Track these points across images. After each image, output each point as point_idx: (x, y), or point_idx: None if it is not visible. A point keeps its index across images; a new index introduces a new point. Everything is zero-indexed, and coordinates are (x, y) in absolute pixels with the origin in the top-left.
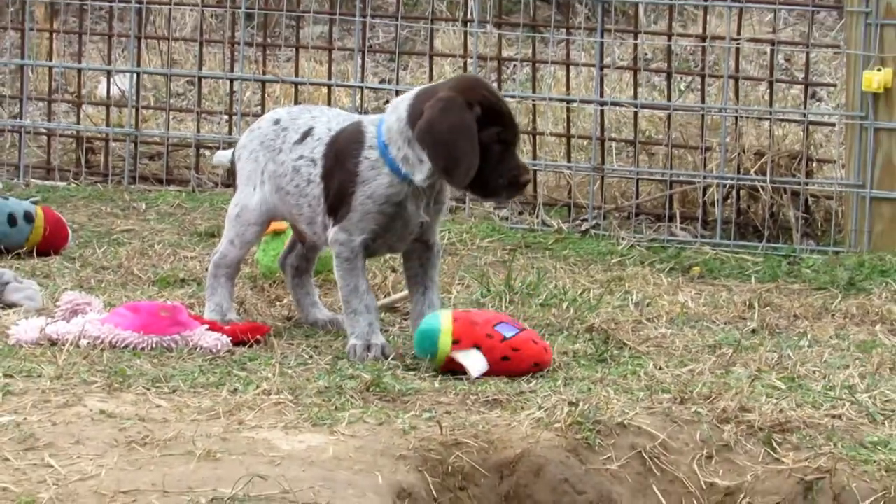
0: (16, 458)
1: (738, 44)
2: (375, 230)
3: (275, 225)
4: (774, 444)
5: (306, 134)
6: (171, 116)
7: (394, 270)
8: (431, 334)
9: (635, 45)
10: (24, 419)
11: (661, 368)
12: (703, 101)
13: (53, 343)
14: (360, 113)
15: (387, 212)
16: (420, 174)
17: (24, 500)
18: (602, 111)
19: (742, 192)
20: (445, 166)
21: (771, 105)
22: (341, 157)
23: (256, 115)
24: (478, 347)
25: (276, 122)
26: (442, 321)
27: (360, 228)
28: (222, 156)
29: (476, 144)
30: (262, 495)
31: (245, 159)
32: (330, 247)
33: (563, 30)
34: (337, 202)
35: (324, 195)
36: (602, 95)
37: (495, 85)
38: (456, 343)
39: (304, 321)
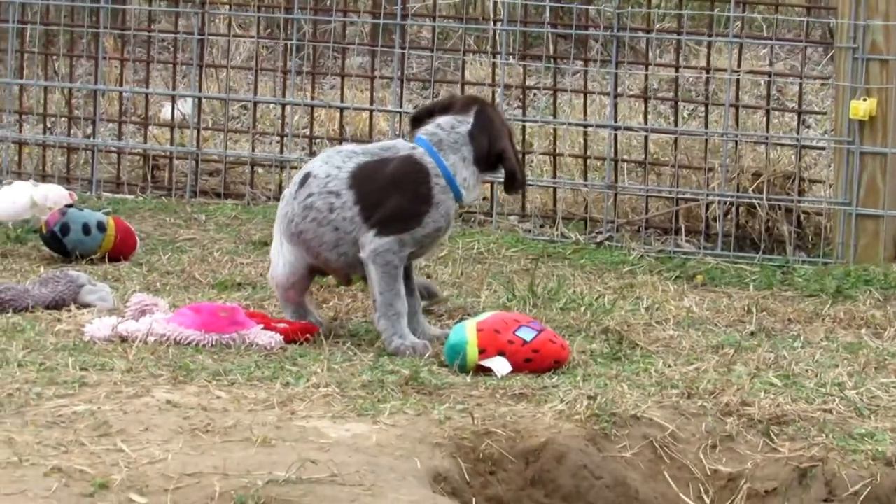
0: (91, 443)
1: (738, 75)
2: (424, 243)
3: None
4: (772, 435)
5: (305, 178)
6: (228, 137)
7: (428, 276)
8: (459, 347)
9: (645, 76)
10: (99, 408)
11: (669, 366)
12: (706, 126)
13: (124, 340)
14: (399, 135)
15: (443, 229)
16: (472, 195)
17: (98, 481)
18: (615, 135)
19: (741, 209)
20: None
21: (767, 130)
22: (405, 182)
23: (305, 137)
24: (502, 353)
25: (283, 197)
26: (468, 334)
27: (415, 241)
28: None
29: None
30: (313, 478)
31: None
32: (374, 257)
33: (580, 62)
34: (393, 221)
35: (363, 216)
36: (616, 121)
37: (519, 112)
38: (482, 352)
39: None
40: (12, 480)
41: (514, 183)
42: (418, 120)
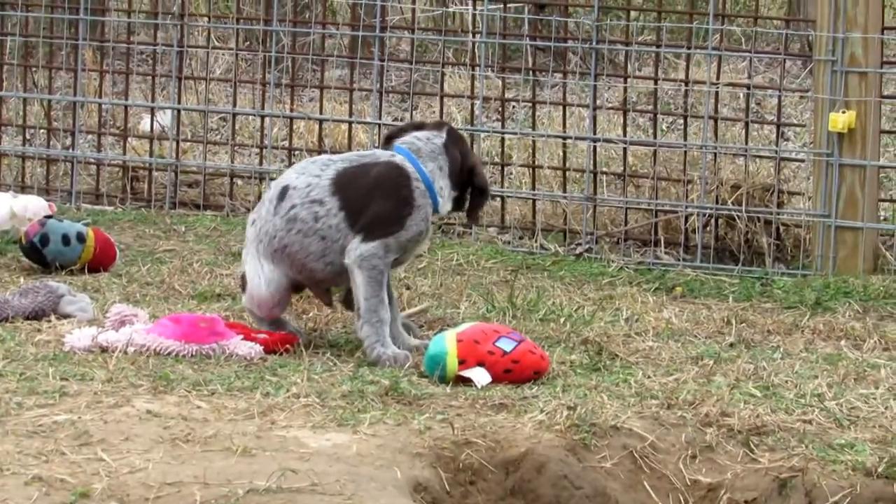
0: (72, 452)
1: (717, 88)
2: (407, 248)
3: None
4: (752, 446)
5: (284, 191)
6: (207, 149)
7: (408, 288)
8: (439, 358)
9: (624, 89)
10: (79, 418)
11: (649, 377)
12: (685, 138)
13: (104, 350)
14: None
15: (423, 233)
16: (446, 206)
17: (79, 490)
18: (595, 147)
19: (720, 221)
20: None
21: (746, 143)
22: (388, 186)
23: (284, 148)
24: (482, 364)
25: (252, 223)
26: (448, 345)
27: (399, 247)
28: None
29: None
30: (294, 487)
31: (247, 264)
32: (359, 262)
33: (559, 74)
34: (378, 225)
35: (348, 222)
36: (595, 133)
37: (498, 124)
38: (462, 363)
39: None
40: None
41: (481, 202)
42: (391, 138)
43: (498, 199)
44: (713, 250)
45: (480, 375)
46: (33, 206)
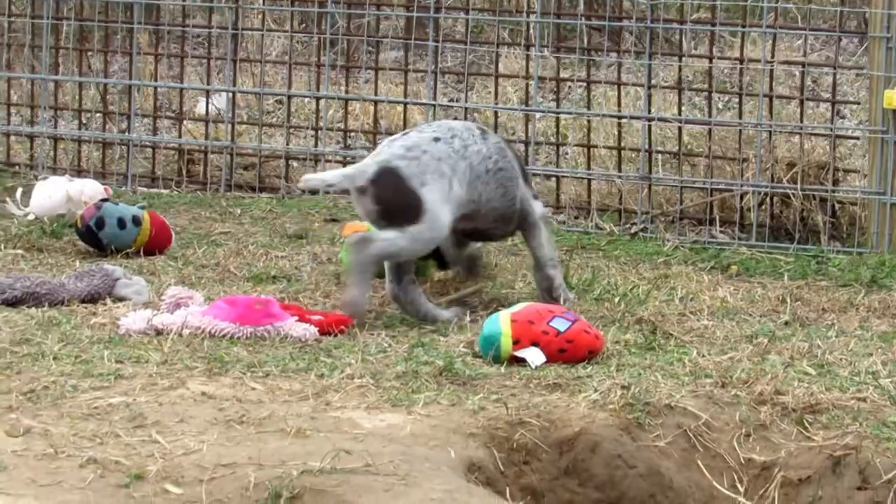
0: (126, 434)
1: (772, 66)
2: None
3: (354, 226)
4: (806, 424)
5: (483, 131)
6: (262, 131)
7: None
8: (494, 338)
9: (679, 67)
10: (134, 400)
11: (703, 356)
12: (740, 117)
13: (159, 332)
14: None
15: None
16: None
17: (134, 472)
18: (650, 126)
19: (775, 199)
20: None
21: (801, 121)
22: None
23: (340, 130)
24: (536, 344)
25: (436, 140)
26: (502, 325)
27: None
28: (314, 180)
29: None
30: (347, 468)
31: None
32: (543, 218)
33: (615, 54)
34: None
35: (524, 180)
36: (650, 112)
37: (553, 104)
38: (516, 343)
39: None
40: (48, 472)
41: None
42: None
43: (553, 178)
44: (768, 229)
45: (535, 355)
46: (89, 190)
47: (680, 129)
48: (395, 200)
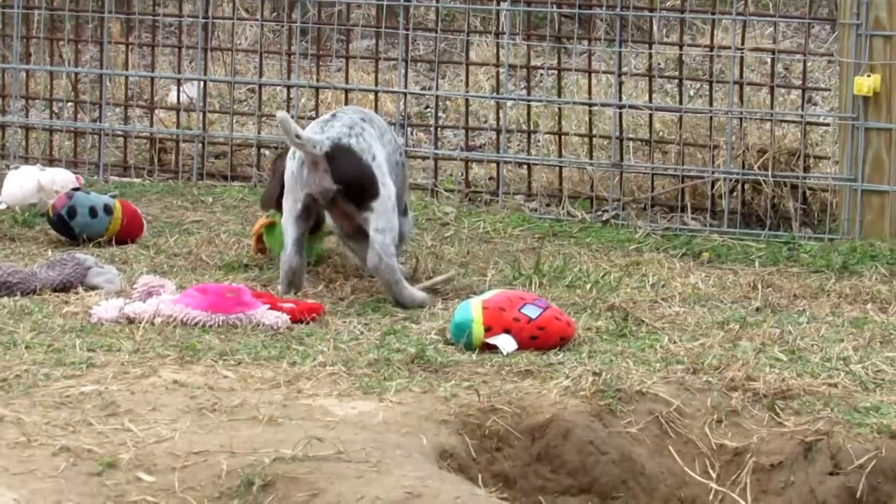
0: (99, 422)
1: (743, 53)
2: None
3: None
4: (777, 410)
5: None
6: (234, 120)
7: (435, 255)
8: (465, 325)
9: (650, 55)
10: (106, 388)
11: (675, 342)
12: (711, 104)
13: (131, 321)
14: (404, 117)
15: None
16: None
17: (106, 460)
18: (620, 114)
19: (746, 186)
20: None
21: (772, 108)
22: None
23: (312, 118)
24: (508, 331)
25: (363, 121)
26: (473, 312)
27: None
28: (290, 124)
29: None
30: (320, 455)
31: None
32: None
33: (585, 41)
34: None
35: None
36: (620, 100)
37: (524, 92)
38: (488, 330)
39: None
40: (21, 460)
41: None
42: None
43: (525, 166)
44: (740, 215)
45: (506, 342)
46: (60, 179)
47: (651, 116)
48: (354, 176)
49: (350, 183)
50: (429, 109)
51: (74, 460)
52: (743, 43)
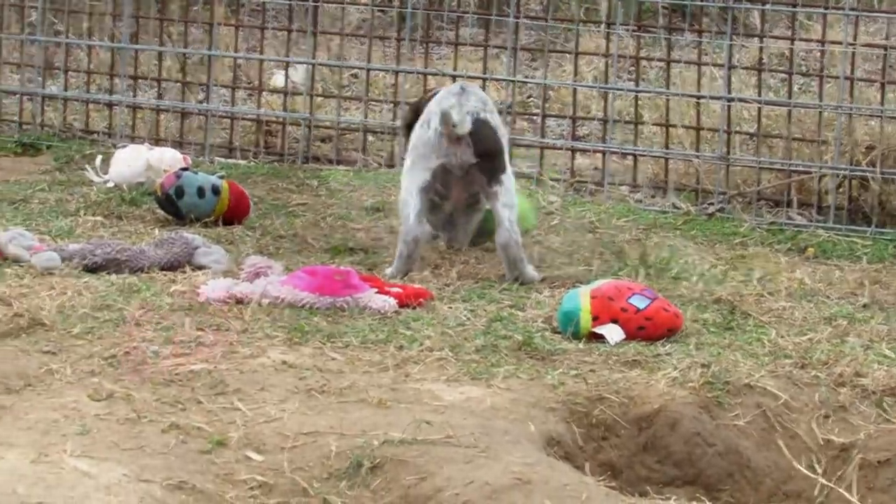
0: (208, 401)
1: (853, 49)
2: None
3: None
4: (885, 406)
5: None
6: (340, 104)
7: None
8: (573, 314)
9: (759, 49)
10: (215, 367)
11: (782, 337)
12: (819, 99)
13: (239, 301)
14: (512, 103)
15: None
16: None
17: (216, 438)
18: (728, 107)
19: (853, 182)
20: None
21: (882, 104)
22: None
23: None
24: (615, 321)
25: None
26: (581, 301)
27: None
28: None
29: None
30: (429, 439)
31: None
32: None
33: (694, 34)
34: None
35: None
36: (729, 93)
37: (631, 83)
38: (596, 319)
39: None
40: (131, 436)
41: None
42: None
43: (630, 157)
44: (846, 211)
45: (614, 332)
46: (169, 158)
47: (759, 110)
48: (493, 150)
49: (489, 155)
50: (531, 99)
51: (184, 437)
52: (854, 38)
